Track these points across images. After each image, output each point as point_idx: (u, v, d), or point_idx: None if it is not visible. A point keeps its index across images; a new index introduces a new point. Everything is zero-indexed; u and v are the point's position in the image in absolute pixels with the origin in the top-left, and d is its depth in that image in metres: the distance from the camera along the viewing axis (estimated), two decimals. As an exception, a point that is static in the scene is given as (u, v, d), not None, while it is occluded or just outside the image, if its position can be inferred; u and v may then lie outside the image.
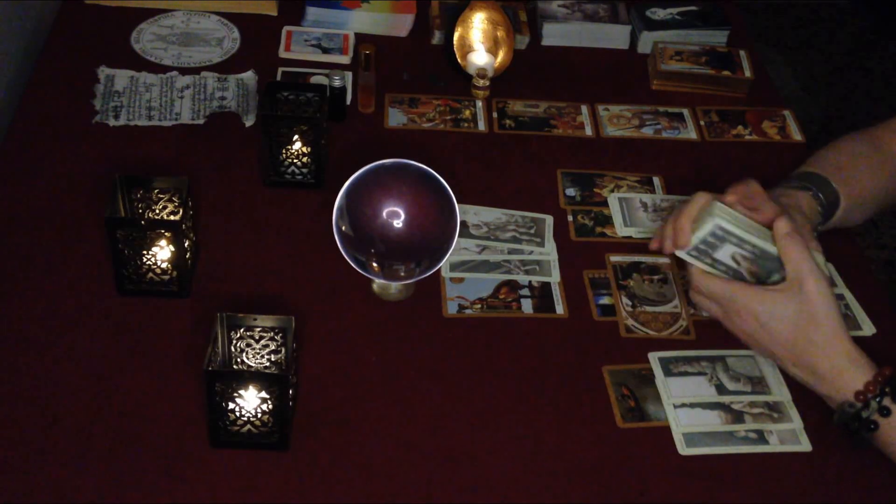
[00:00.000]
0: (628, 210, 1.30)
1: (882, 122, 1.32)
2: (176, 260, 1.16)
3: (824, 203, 1.22)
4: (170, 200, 1.19)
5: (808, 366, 1.06)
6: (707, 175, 1.41)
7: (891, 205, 1.32)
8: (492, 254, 1.27)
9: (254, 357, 1.07)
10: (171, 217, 1.17)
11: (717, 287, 1.10)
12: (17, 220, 1.26)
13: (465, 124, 1.48)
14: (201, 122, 1.43)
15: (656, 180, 1.41)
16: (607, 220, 1.34)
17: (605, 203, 1.36)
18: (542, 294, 1.23)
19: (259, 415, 1.02)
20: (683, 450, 1.07)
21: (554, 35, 1.66)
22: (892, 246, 2.66)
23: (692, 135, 1.50)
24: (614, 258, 1.29)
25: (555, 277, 1.25)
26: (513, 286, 1.24)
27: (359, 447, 1.05)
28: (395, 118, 1.48)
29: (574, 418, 1.10)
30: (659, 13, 1.67)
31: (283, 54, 1.57)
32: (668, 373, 1.14)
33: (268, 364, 1.06)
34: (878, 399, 1.03)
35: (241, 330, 1.06)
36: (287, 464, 1.03)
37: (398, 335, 1.18)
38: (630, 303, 1.23)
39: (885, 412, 1.02)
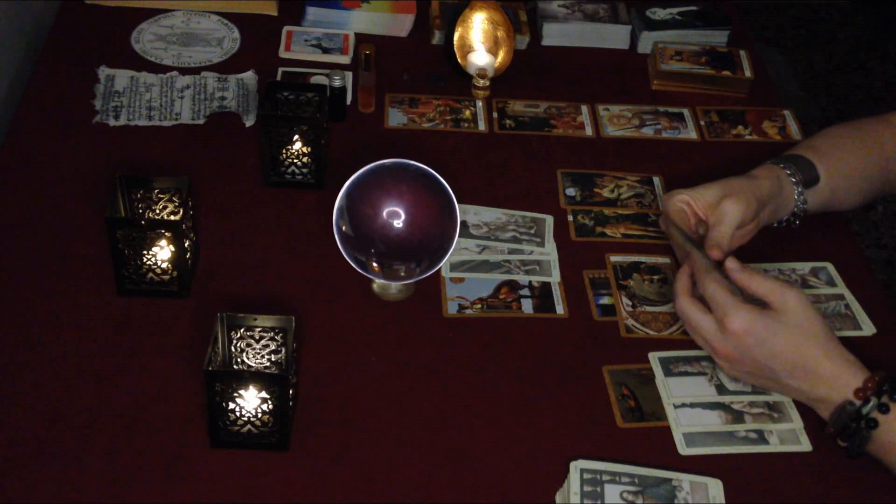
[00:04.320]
0: None
1: (872, 116, 1.34)
2: (176, 260, 1.16)
3: (802, 180, 1.24)
4: (170, 200, 1.19)
5: (809, 370, 1.05)
6: (707, 175, 1.41)
7: (881, 191, 1.33)
8: (492, 254, 1.27)
9: (254, 357, 1.07)
10: (171, 217, 1.17)
11: (717, 294, 1.07)
12: (17, 220, 1.26)
13: (465, 124, 1.48)
14: (201, 122, 1.43)
15: (656, 180, 1.41)
16: (607, 220, 1.34)
17: (605, 203, 1.36)
18: (543, 294, 1.23)
19: (259, 415, 1.02)
20: (683, 450, 1.07)
21: (554, 35, 1.66)
22: (892, 246, 2.66)
23: (692, 135, 1.50)
24: (614, 258, 1.29)
25: (555, 277, 1.25)
26: (513, 286, 1.24)
27: (359, 447, 1.05)
28: (395, 118, 1.48)
29: (574, 418, 1.10)
30: (659, 13, 1.67)
31: (283, 54, 1.57)
32: (668, 373, 1.14)
33: (268, 364, 1.06)
34: (877, 395, 1.03)
35: (241, 330, 1.06)
36: (287, 464, 1.03)
37: (398, 335, 1.18)
38: (630, 303, 1.23)
39: (884, 409, 1.02)
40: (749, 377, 1.10)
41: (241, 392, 1.01)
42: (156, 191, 1.19)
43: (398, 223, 1.17)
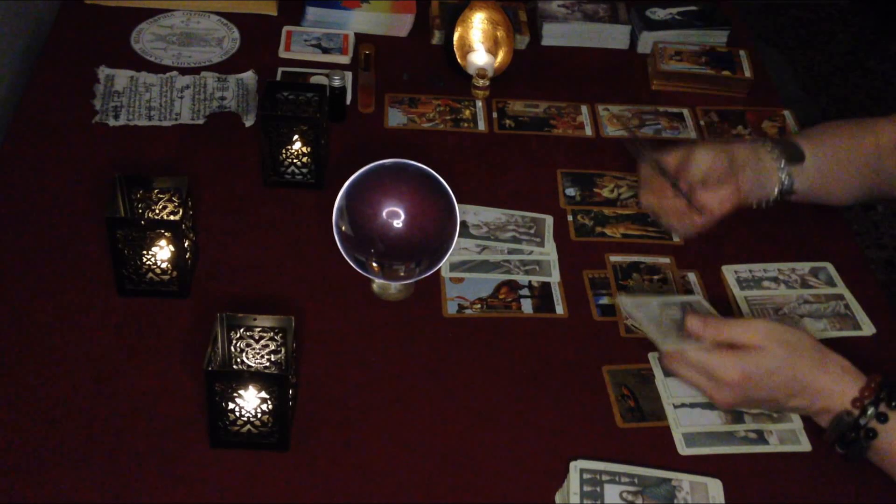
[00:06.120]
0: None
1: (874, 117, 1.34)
2: (176, 260, 1.16)
3: (784, 154, 1.24)
4: (170, 200, 1.19)
5: (807, 388, 1.04)
6: (707, 175, 1.41)
7: (874, 187, 1.30)
8: (492, 254, 1.27)
9: (254, 357, 1.07)
10: (171, 217, 1.17)
11: (702, 357, 1.05)
12: (17, 220, 1.26)
13: (465, 124, 1.48)
14: (201, 122, 1.43)
15: (656, 180, 1.41)
16: (607, 220, 1.34)
17: (605, 203, 1.36)
18: (542, 294, 1.23)
19: (259, 415, 1.02)
20: (683, 450, 1.07)
21: (554, 35, 1.66)
22: (892, 246, 2.66)
23: (692, 135, 1.50)
24: (614, 258, 1.29)
25: (555, 277, 1.25)
26: (513, 286, 1.24)
27: (359, 447, 1.05)
28: (395, 118, 1.48)
29: (574, 418, 1.10)
30: (659, 13, 1.67)
31: (283, 54, 1.57)
32: (668, 373, 1.14)
33: (268, 364, 1.06)
34: (874, 405, 1.02)
35: (241, 330, 1.06)
36: (287, 464, 1.03)
37: (398, 335, 1.18)
38: (630, 303, 1.23)
39: (882, 419, 1.01)
40: (752, 409, 1.10)
41: (241, 392, 1.01)
42: (155, 191, 1.19)
43: (398, 223, 1.17)
